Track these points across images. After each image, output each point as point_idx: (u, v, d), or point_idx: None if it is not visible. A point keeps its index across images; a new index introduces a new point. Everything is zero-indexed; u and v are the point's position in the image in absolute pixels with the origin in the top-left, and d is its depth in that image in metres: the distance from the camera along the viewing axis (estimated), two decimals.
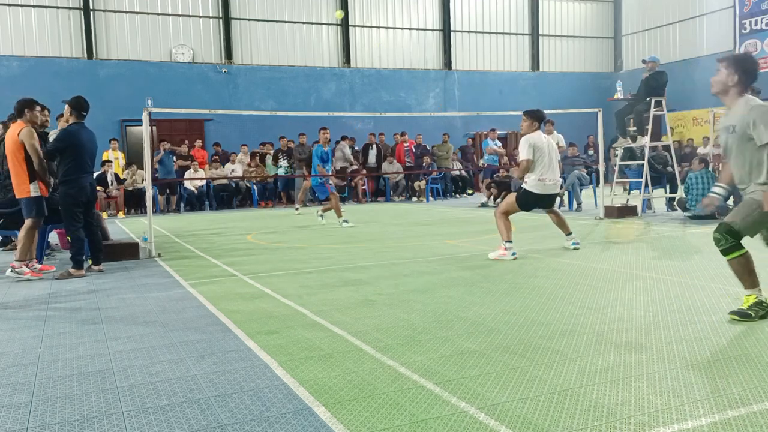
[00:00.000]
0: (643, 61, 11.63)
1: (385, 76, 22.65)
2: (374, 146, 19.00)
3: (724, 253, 4.06)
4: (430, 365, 3.36)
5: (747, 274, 4.07)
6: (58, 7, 18.79)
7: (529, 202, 7.36)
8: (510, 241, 7.00)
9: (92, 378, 3.36)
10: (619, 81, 12.44)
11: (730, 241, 3.99)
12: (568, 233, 7.54)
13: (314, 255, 7.82)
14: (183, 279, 6.37)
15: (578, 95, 23.43)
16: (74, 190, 6.72)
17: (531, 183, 7.26)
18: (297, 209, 14.07)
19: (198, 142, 18.60)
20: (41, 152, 6.68)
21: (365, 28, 22.60)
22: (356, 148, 19.19)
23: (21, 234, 6.76)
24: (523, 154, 7.26)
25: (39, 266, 6.97)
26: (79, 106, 6.90)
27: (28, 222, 6.73)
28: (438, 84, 23.42)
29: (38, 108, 6.87)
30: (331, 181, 11.72)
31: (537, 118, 7.48)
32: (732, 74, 4.16)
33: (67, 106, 6.90)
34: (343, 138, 18.50)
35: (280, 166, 17.60)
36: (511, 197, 7.50)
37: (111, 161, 16.15)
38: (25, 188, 6.69)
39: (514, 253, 6.93)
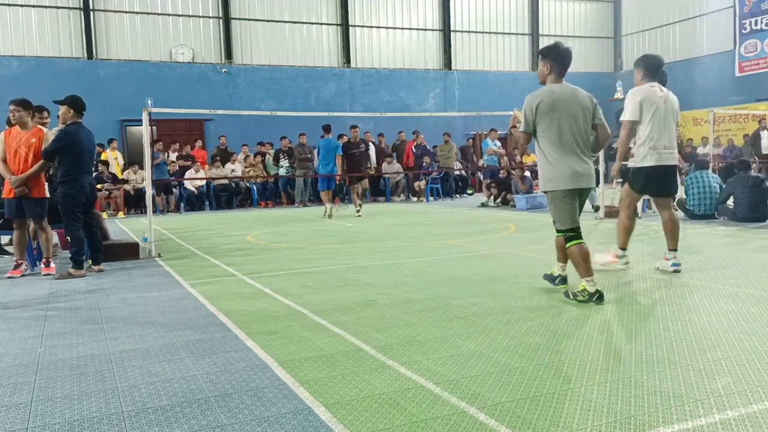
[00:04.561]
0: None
1: (385, 76, 22.65)
2: (370, 144, 18.79)
3: None
4: (430, 365, 3.35)
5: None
6: (58, 7, 18.80)
7: (643, 180, 5.68)
8: (624, 249, 5.96)
9: (92, 378, 3.36)
10: (619, 81, 12.42)
11: None
12: (672, 248, 5.80)
13: (314, 255, 7.82)
14: (183, 279, 6.36)
15: None
16: (73, 190, 6.73)
17: (640, 155, 5.58)
18: (358, 210, 13.90)
19: (198, 143, 18.60)
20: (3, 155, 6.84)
21: (365, 28, 22.60)
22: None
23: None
24: (627, 112, 5.54)
25: (23, 266, 7.00)
26: (79, 105, 6.91)
27: None
28: (438, 84, 23.42)
29: (11, 108, 6.94)
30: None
31: (651, 67, 5.66)
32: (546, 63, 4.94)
33: (66, 106, 6.87)
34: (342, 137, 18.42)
35: (281, 166, 17.60)
36: (625, 187, 5.96)
37: (105, 161, 16.07)
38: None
39: (627, 263, 5.96)
